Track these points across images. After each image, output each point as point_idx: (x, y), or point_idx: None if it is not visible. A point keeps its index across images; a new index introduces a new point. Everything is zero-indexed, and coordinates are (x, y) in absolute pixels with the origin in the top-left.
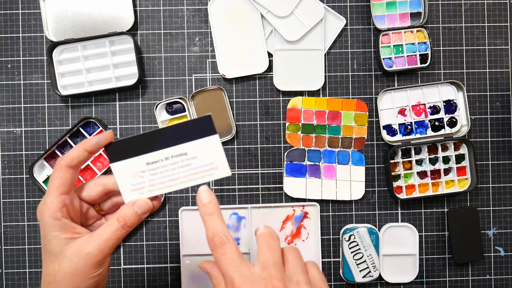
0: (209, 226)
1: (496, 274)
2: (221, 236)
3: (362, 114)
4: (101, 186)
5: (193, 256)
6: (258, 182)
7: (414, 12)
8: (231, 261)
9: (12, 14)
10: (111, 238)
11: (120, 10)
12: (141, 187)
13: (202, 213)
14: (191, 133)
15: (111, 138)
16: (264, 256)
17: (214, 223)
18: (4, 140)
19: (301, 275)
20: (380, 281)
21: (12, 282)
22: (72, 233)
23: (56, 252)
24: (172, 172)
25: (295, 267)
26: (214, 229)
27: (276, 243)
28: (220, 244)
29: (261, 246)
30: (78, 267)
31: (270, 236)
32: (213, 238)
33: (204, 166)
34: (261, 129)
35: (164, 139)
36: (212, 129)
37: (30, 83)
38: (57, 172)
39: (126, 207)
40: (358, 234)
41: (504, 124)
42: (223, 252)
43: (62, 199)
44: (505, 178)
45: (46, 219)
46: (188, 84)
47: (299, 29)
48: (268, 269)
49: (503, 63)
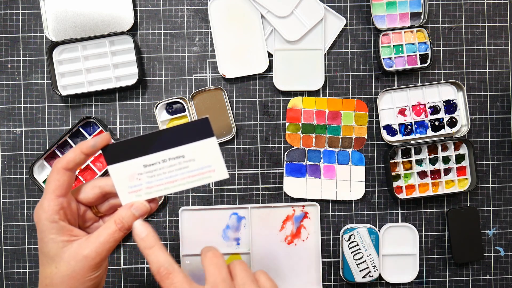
0: (152, 259)
1: (496, 274)
2: (166, 266)
3: (362, 114)
4: (98, 188)
5: (193, 256)
6: (258, 182)
7: (414, 12)
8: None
9: (12, 14)
10: (108, 240)
11: (120, 10)
12: (138, 189)
13: (142, 248)
14: (189, 136)
15: (108, 140)
16: (212, 275)
17: (157, 255)
18: (4, 140)
19: (251, 285)
20: (380, 281)
21: (12, 282)
22: (69, 236)
23: (53, 254)
24: (169, 174)
25: (244, 279)
26: (157, 261)
27: (220, 261)
28: (166, 274)
29: (207, 266)
30: (76, 269)
31: (213, 256)
32: (159, 270)
33: (202, 169)
34: (261, 129)
35: (161, 141)
36: (209, 132)
37: (30, 83)
38: (54, 175)
39: (123, 210)
40: (358, 234)
41: (504, 124)
42: (171, 282)
43: (59, 202)
44: (505, 178)
45: (43, 222)
46: (188, 84)
47: (299, 29)
48: (217, 286)
49: (503, 63)
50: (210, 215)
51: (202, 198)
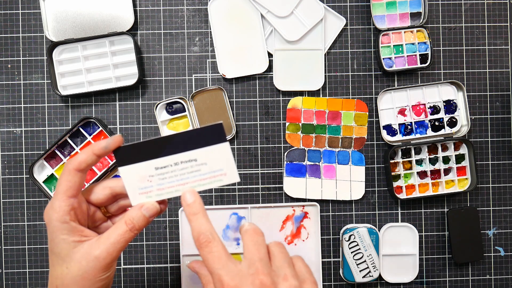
0: (194, 225)
1: (496, 274)
2: (206, 234)
3: (362, 114)
4: (108, 189)
5: (193, 256)
6: (258, 182)
7: (414, 12)
8: (218, 259)
9: (12, 14)
10: (119, 241)
11: (120, 10)
12: (149, 190)
13: (187, 213)
14: (202, 140)
15: (120, 142)
16: (250, 252)
17: (199, 222)
18: (4, 140)
19: (287, 269)
20: (380, 281)
21: (12, 282)
22: (80, 236)
23: (64, 255)
24: (181, 177)
25: (281, 261)
26: (199, 228)
27: (260, 239)
28: (206, 242)
29: (247, 243)
30: (87, 270)
31: (254, 233)
32: (199, 237)
33: (213, 172)
34: (261, 129)
35: (173, 145)
36: (222, 137)
37: (30, 83)
38: (65, 176)
39: (133, 210)
40: (358, 234)
41: (504, 124)
42: (210, 250)
43: (70, 203)
44: (505, 178)
45: (54, 222)
46: (188, 84)
47: (299, 29)
48: (254, 264)
49: (503, 63)
50: (210, 215)
51: (202, 198)
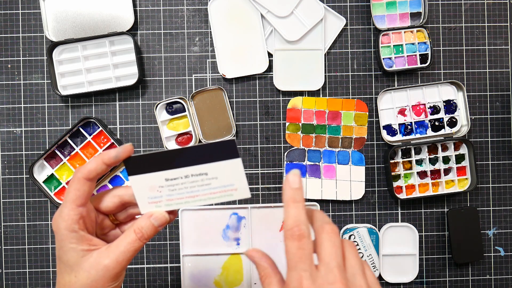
0: (292, 213)
1: (496, 274)
2: (302, 228)
3: (362, 114)
4: (117, 198)
5: (193, 256)
6: (258, 182)
7: (414, 12)
8: (306, 259)
9: (12, 14)
10: (128, 250)
11: (120, 10)
12: (158, 200)
13: (288, 198)
14: (214, 155)
15: (131, 151)
16: (327, 255)
17: (299, 212)
18: (4, 140)
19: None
20: (380, 281)
21: (12, 282)
22: (88, 245)
23: (72, 263)
24: (191, 189)
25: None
26: (297, 218)
27: (338, 240)
28: (299, 236)
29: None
30: (96, 279)
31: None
32: (293, 227)
33: (224, 187)
34: (261, 129)
35: (185, 158)
36: (235, 153)
37: (30, 83)
38: (74, 184)
39: (143, 219)
40: (358, 234)
41: (504, 124)
42: (300, 246)
43: (79, 211)
44: (505, 178)
45: (62, 231)
46: (188, 84)
47: (299, 29)
48: (332, 271)
49: (503, 63)
50: (210, 215)
51: None
